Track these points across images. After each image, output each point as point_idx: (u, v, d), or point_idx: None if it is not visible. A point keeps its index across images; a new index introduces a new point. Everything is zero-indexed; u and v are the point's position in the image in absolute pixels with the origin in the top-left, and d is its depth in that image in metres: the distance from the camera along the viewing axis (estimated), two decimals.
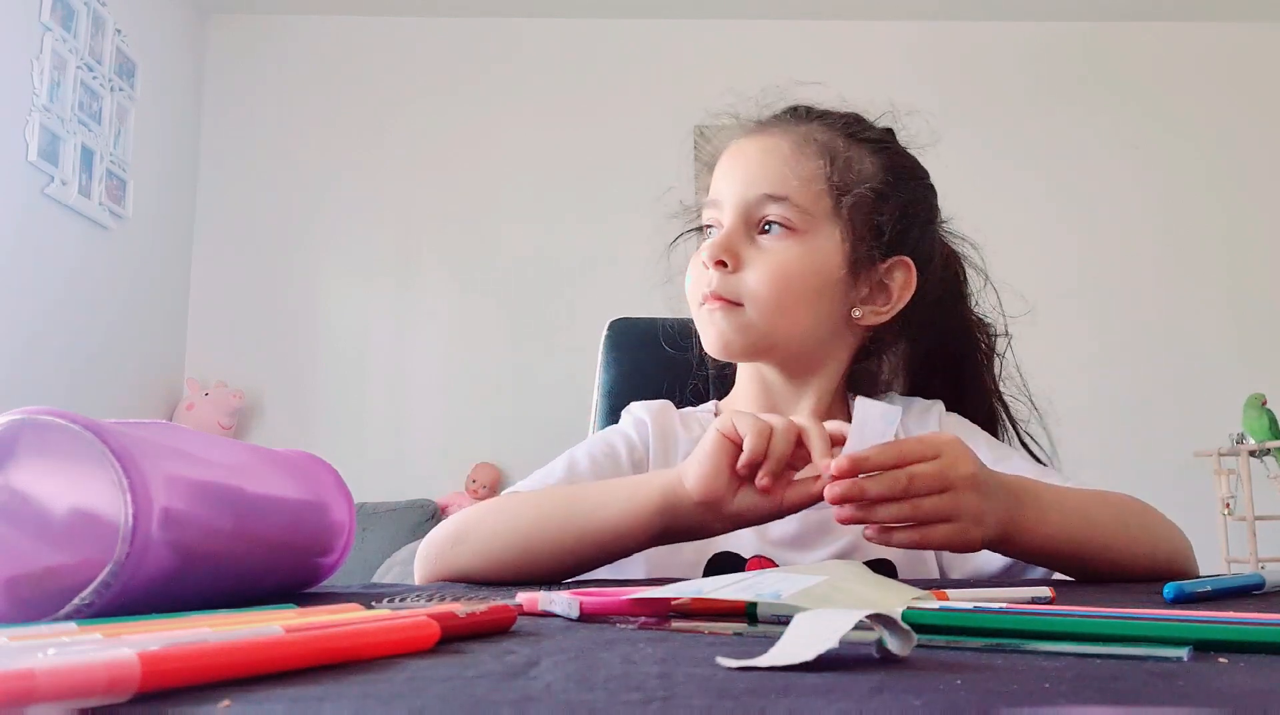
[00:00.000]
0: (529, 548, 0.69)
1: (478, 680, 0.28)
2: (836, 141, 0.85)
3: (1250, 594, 0.54)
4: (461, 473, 3.20)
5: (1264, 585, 0.55)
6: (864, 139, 0.86)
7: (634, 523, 0.67)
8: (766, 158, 0.84)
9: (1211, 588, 0.52)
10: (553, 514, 0.70)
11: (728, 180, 0.84)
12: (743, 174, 0.84)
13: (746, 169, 0.84)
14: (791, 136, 0.84)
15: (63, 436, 0.41)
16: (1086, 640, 0.33)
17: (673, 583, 0.50)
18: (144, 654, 0.25)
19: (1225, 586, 0.53)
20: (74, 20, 2.67)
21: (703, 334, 0.85)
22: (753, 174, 0.83)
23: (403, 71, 3.46)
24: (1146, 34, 3.51)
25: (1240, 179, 3.44)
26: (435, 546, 0.72)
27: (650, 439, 0.86)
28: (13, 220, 2.46)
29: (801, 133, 0.85)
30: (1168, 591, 0.50)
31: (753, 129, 0.87)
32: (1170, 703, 0.25)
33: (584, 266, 3.27)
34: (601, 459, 0.84)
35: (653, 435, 0.86)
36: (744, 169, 0.84)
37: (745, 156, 0.85)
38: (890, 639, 0.31)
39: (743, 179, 0.83)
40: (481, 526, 0.71)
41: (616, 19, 3.49)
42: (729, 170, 0.85)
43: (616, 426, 0.90)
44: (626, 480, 0.73)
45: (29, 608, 0.39)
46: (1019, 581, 0.74)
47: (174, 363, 3.26)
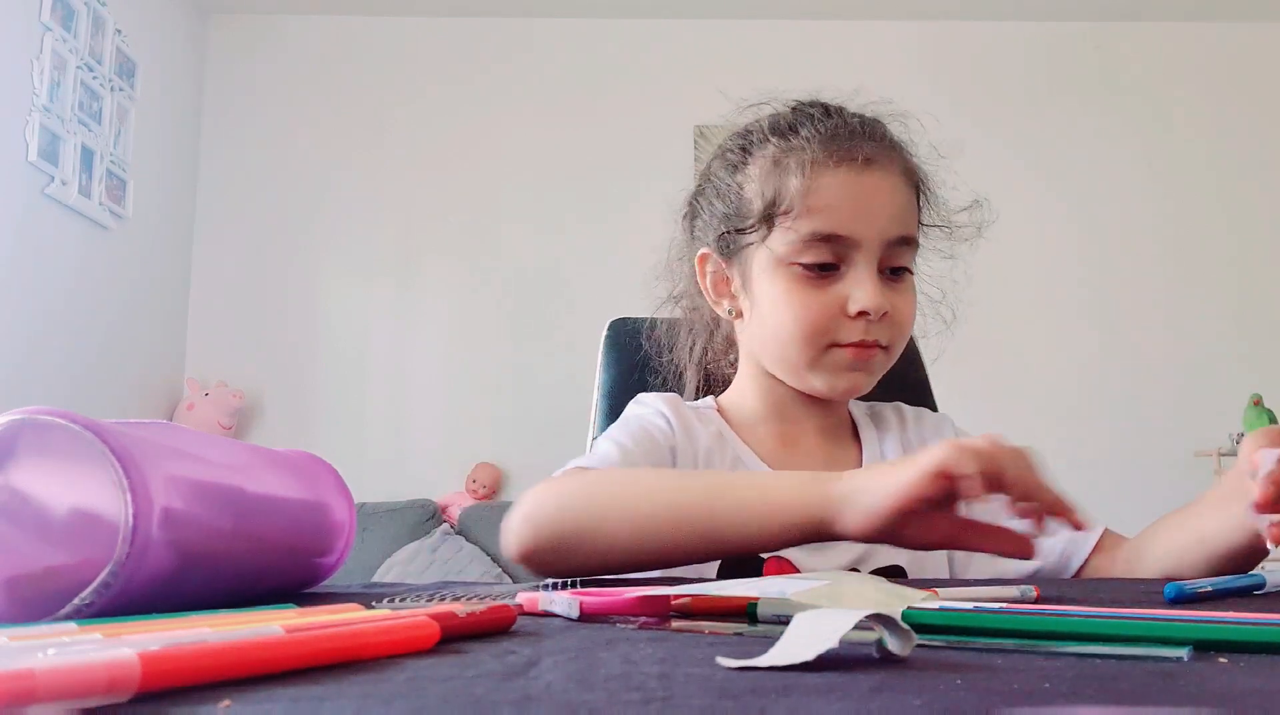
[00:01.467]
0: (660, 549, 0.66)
1: (478, 680, 0.28)
2: (916, 173, 0.86)
3: (1251, 594, 0.54)
4: (461, 473, 3.20)
5: (1265, 585, 0.55)
6: (918, 168, 0.87)
7: (769, 541, 0.64)
8: (895, 198, 0.82)
9: (1212, 588, 0.52)
10: (691, 518, 0.66)
11: (864, 221, 0.79)
12: (879, 215, 0.80)
13: (880, 210, 0.80)
14: (898, 170, 0.83)
15: (63, 436, 0.41)
16: (1086, 640, 0.33)
17: (683, 583, 0.50)
18: (144, 654, 0.25)
19: (1226, 587, 0.53)
20: (74, 20, 2.67)
21: (835, 379, 0.82)
22: (888, 215, 0.80)
23: (403, 71, 3.46)
24: (1149, 34, 3.51)
25: (1242, 179, 3.44)
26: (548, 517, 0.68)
27: (676, 431, 0.85)
28: (13, 220, 2.46)
29: (900, 165, 0.84)
30: (1168, 591, 0.50)
31: (863, 161, 0.81)
32: (1170, 703, 0.25)
33: (584, 266, 3.27)
34: (649, 447, 0.83)
35: (677, 429, 0.86)
36: (877, 210, 0.80)
37: (874, 196, 0.81)
38: (890, 639, 0.31)
39: (880, 221, 0.80)
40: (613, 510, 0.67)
41: (617, 19, 3.49)
42: (860, 210, 0.80)
43: (640, 414, 0.88)
44: (760, 489, 0.66)
45: (29, 608, 0.39)
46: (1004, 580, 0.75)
47: (174, 363, 3.26)
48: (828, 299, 0.80)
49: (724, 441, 0.87)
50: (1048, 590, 0.54)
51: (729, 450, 0.87)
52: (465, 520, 3.03)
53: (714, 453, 0.86)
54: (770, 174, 0.82)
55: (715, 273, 0.89)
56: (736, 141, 0.88)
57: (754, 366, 0.90)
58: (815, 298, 0.80)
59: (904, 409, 0.96)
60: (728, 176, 0.87)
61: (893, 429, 0.93)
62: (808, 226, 0.79)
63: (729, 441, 0.88)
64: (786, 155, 0.82)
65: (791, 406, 0.88)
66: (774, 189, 0.82)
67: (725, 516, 0.64)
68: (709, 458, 0.85)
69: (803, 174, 0.80)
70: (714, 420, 0.89)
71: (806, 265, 0.80)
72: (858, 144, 0.81)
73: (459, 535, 2.98)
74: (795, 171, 0.81)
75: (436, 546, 2.90)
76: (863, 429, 0.92)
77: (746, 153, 0.86)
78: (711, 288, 0.90)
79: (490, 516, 3.03)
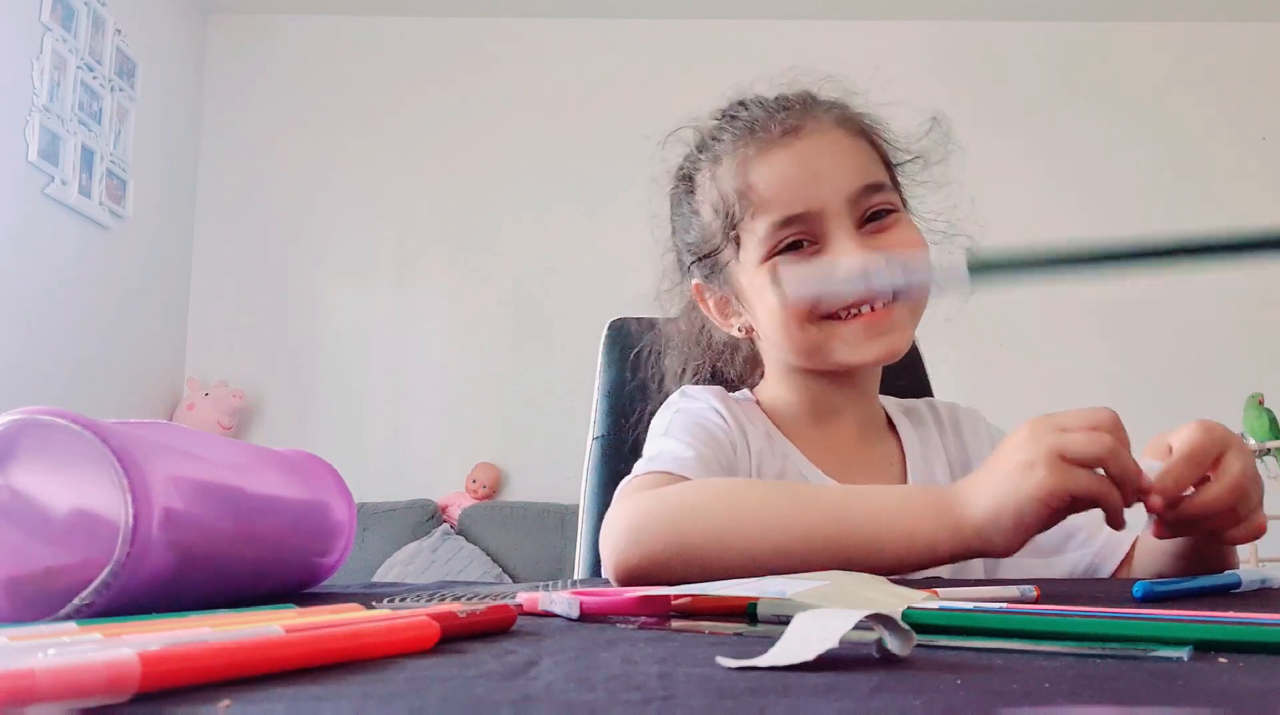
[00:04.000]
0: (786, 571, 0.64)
1: (478, 680, 0.28)
2: (856, 121, 0.84)
3: (1228, 594, 0.53)
4: (461, 473, 3.20)
5: (1240, 584, 0.53)
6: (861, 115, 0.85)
7: (905, 563, 0.60)
8: (838, 154, 0.79)
9: (1184, 587, 0.51)
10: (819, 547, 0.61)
11: (812, 189, 0.77)
12: (828, 177, 0.78)
13: (826, 172, 0.78)
14: (831, 125, 0.81)
15: (63, 436, 0.41)
16: (1086, 640, 0.33)
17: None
18: (144, 654, 0.25)
19: (1199, 587, 0.52)
20: (74, 20, 2.67)
21: (857, 348, 0.78)
22: (839, 173, 0.78)
23: (402, 71, 3.46)
24: (1150, 34, 3.51)
25: (1243, 179, 3.44)
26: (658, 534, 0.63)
27: (731, 427, 0.84)
28: (13, 220, 2.46)
29: (833, 120, 0.82)
30: (1136, 590, 0.49)
31: (785, 134, 0.80)
32: (1170, 703, 0.25)
33: (584, 266, 3.27)
34: (715, 447, 0.80)
35: (731, 424, 0.84)
36: (823, 173, 0.78)
37: (812, 161, 0.78)
38: (890, 639, 0.31)
39: (832, 181, 0.77)
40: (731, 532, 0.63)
41: (616, 19, 3.49)
42: (805, 180, 0.78)
43: (695, 409, 0.85)
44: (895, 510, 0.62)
45: (29, 608, 0.39)
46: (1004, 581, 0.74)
47: (174, 363, 3.26)
48: (796, 270, 0.78)
49: (772, 441, 0.86)
50: (1048, 590, 0.54)
51: (778, 449, 0.86)
52: (465, 520, 3.03)
53: (765, 455, 0.85)
54: (712, 189, 0.82)
55: (714, 299, 0.89)
56: (678, 174, 0.90)
57: (782, 368, 0.89)
58: (793, 270, 0.79)
59: (937, 405, 0.96)
60: (684, 208, 0.88)
61: (929, 425, 0.92)
62: (765, 221, 0.78)
63: (776, 440, 0.87)
64: (717, 166, 0.82)
65: (827, 399, 0.87)
66: (721, 201, 0.81)
67: (864, 548, 0.60)
68: (760, 458, 0.84)
69: (738, 176, 0.80)
70: (759, 417, 0.88)
71: (781, 251, 0.79)
72: (774, 121, 0.80)
73: (459, 535, 2.98)
74: (731, 176, 0.80)
75: (436, 546, 2.90)
76: (901, 428, 0.91)
77: (691, 180, 0.87)
78: (717, 313, 0.89)
79: (490, 516, 3.03)
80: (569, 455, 0.88)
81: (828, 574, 0.47)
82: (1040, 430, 0.55)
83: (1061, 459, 0.54)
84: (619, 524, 0.65)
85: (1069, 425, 0.55)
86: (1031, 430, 0.56)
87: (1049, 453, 0.54)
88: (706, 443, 0.80)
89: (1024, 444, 0.55)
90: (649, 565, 0.62)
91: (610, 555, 0.64)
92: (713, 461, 0.78)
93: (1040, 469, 0.54)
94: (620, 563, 0.63)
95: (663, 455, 0.77)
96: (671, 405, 0.88)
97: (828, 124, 0.81)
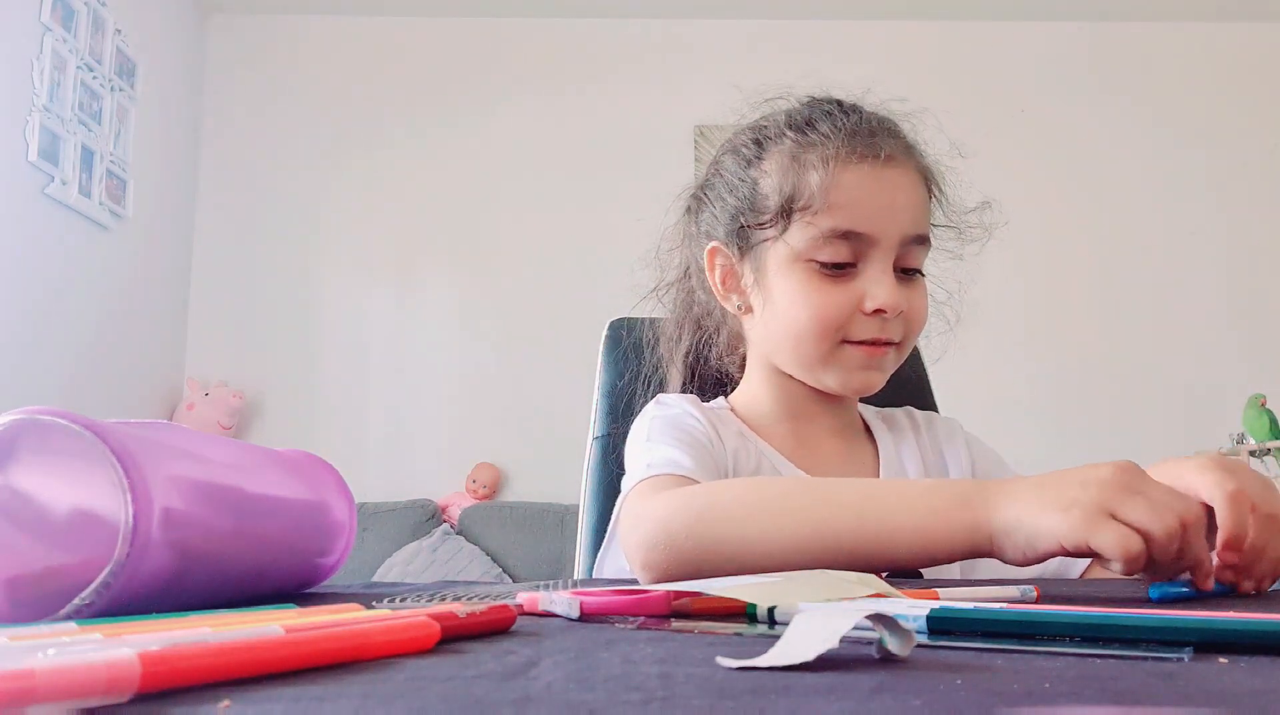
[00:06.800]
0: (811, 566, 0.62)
1: (478, 680, 0.28)
2: (928, 172, 0.85)
3: (1230, 594, 0.54)
4: (461, 473, 3.20)
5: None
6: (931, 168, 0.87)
7: (919, 559, 0.60)
8: (912, 196, 0.81)
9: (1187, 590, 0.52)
10: (841, 542, 0.61)
11: (883, 218, 0.79)
12: (898, 213, 0.79)
13: (899, 208, 0.79)
14: (914, 168, 0.82)
15: (63, 436, 0.41)
16: (1086, 640, 0.33)
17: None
18: (144, 654, 0.25)
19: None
20: (74, 20, 2.67)
21: (848, 376, 0.82)
22: (907, 214, 0.80)
23: (403, 71, 3.46)
24: (1150, 34, 3.51)
25: (1243, 179, 3.44)
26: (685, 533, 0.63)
27: (708, 430, 0.84)
28: (13, 220, 2.46)
29: (915, 164, 0.83)
30: (1152, 592, 0.51)
31: (882, 156, 0.80)
32: (1170, 703, 0.25)
33: (584, 266, 3.27)
34: (700, 450, 0.81)
35: (708, 428, 0.84)
36: (897, 207, 0.79)
37: (894, 193, 0.80)
38: (890, 639, 0.31)
39: (899, 219, 0.79)
40: (751, 531, 0.63)
41: (617, 19, 3.49)
42: (881, 207, 0.79)
43: (675, 416, 0.86)
44: (918, 511, 0.61)
45: (29, 608, 0.39)
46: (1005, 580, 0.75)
47: (174, 363, 3.26)
48: (844, 295, 0.79)
49: (746, 439, 0.87)
50: (1048, 590, 0.54)
51: (752, 446, 0.86)
52: (465, 520, 3.03)
53: (740, 452, 0.85)
54: (788, 169, 0.81)
55: (725, 267, 0.87)
56: (750, 135, 0.87)
57: (765, 366, 0.89)
58: (831, 294, 0.79)
59: (915, 413, 0.96)
60: (741, 170, 0.85)
61: (906, 432, 0.92)
62: (828, 222, 0.78)
63: (750, 438, 0.87)
64: (805, 150, 0.81)
65: (805, 405, 0.88)
66: (793, 184, 0.80)
67: (880, 542, 0.60)
68: (736, 457, 0.85)
69: (824, 169, 0.79)
70: (731, 421, 0.88)
71: (824, 263, 0.79)
72: (878, 140, 0.80)
73: (459, 535, 2.98)
74: (816, 167, 0.79)
75: (436, 546, 2.90)
76: (876, 430, 0.92)
77: (761, 147, 0.85)
78: (720, 282, 0.88)
79: (490, 516, 3.03)
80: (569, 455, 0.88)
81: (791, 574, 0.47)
82: (1117, 478, 0.52)
83: (1110, 516, 0.51)
84: (647, 525, 0.65)
85: (1147, 491, 0.52)
86: (1110, 474, 0.53)
87: (1098, 506, 0.51)
88: (691, 445, 0.80)
89: (1089, 482, 0.53)
90: (681, 564, 0.63)
91: (639, 555, 0.65)
92: (705, 462, 0.79)
93: (1077, 512, 0.52)
94: (651, 562, 0.64)
95: (660, 460, 0.78)
96: (648, 413, 0.88)
97: (912, 164, 0.83)
